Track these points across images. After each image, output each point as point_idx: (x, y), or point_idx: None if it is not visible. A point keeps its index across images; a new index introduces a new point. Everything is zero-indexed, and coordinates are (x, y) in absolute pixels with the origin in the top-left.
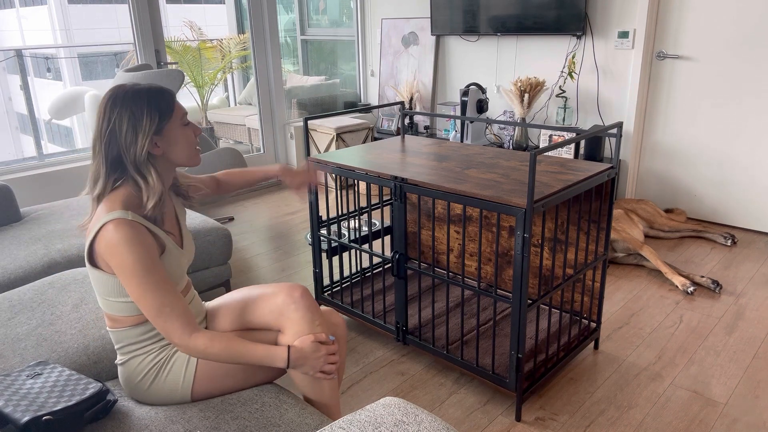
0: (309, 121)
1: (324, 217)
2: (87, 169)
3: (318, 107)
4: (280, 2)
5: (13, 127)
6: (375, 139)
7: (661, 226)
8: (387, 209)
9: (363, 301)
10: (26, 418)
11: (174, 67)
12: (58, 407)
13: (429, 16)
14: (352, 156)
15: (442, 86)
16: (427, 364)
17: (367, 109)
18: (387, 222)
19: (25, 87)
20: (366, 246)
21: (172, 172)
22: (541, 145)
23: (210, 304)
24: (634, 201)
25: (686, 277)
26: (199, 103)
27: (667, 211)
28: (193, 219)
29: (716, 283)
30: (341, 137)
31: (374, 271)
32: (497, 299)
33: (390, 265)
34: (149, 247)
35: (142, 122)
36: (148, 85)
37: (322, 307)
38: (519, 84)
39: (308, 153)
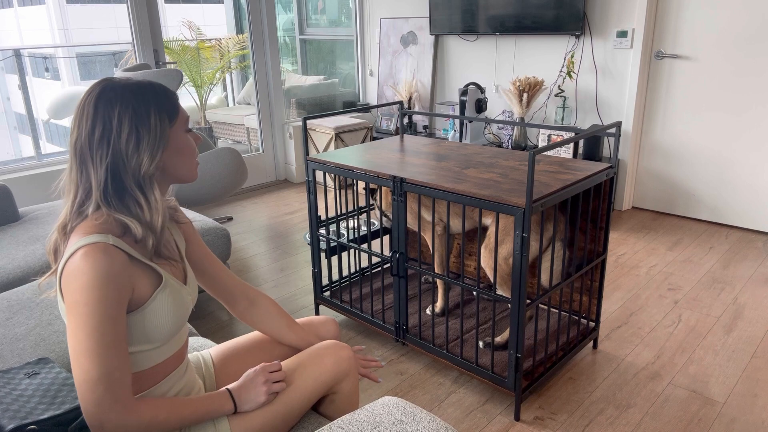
0: (308, 121)
1: (323, 217)
2: None
3: (317, 107)
4: (278, 2)
5: (11, 127)
6: (374, 138)
7: None
8: None
9: (362, 300)
10: (11, 426)
11: (172, 66)
12: (45, 416)
13: (428, 15)
14: (351, 156)
15: (441, 86)
16: (426, 364)
17: (366, 108)
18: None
19: (24, 87)
20: (365, 245)
21: (166, 188)
22: (540, 145)
23: (216, 350)
24: None
25: None
26: (198, 103)
27: None
28: (192, 219)
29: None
30: (340, 137)
31: (373, 271)
32: (496, 299)
33: (388, 264)
34: (120, 290)
35: (149, 125)
36: (146, 80)
37: (319, 317)
38: (518, 83)
39: (307, 153)
